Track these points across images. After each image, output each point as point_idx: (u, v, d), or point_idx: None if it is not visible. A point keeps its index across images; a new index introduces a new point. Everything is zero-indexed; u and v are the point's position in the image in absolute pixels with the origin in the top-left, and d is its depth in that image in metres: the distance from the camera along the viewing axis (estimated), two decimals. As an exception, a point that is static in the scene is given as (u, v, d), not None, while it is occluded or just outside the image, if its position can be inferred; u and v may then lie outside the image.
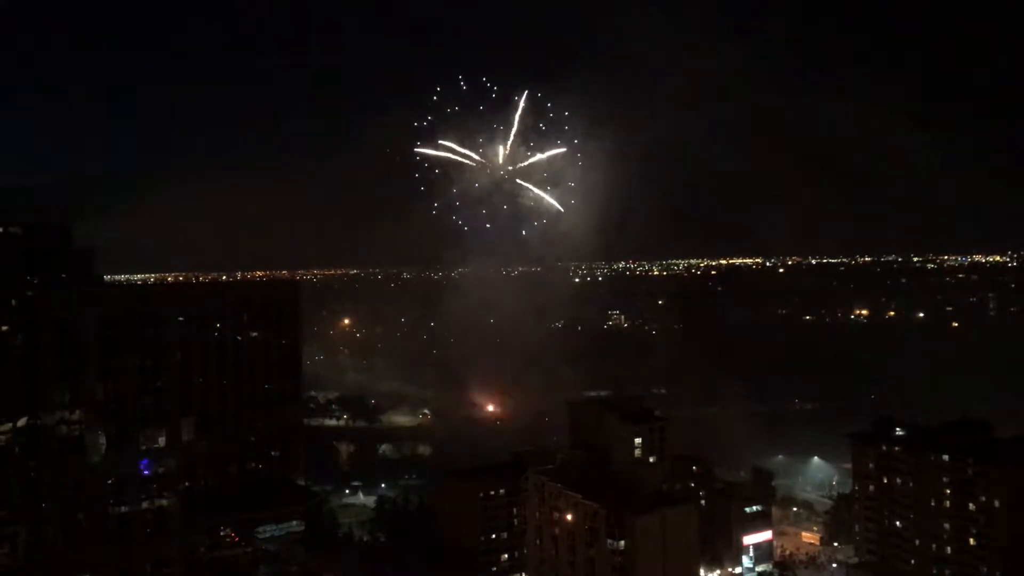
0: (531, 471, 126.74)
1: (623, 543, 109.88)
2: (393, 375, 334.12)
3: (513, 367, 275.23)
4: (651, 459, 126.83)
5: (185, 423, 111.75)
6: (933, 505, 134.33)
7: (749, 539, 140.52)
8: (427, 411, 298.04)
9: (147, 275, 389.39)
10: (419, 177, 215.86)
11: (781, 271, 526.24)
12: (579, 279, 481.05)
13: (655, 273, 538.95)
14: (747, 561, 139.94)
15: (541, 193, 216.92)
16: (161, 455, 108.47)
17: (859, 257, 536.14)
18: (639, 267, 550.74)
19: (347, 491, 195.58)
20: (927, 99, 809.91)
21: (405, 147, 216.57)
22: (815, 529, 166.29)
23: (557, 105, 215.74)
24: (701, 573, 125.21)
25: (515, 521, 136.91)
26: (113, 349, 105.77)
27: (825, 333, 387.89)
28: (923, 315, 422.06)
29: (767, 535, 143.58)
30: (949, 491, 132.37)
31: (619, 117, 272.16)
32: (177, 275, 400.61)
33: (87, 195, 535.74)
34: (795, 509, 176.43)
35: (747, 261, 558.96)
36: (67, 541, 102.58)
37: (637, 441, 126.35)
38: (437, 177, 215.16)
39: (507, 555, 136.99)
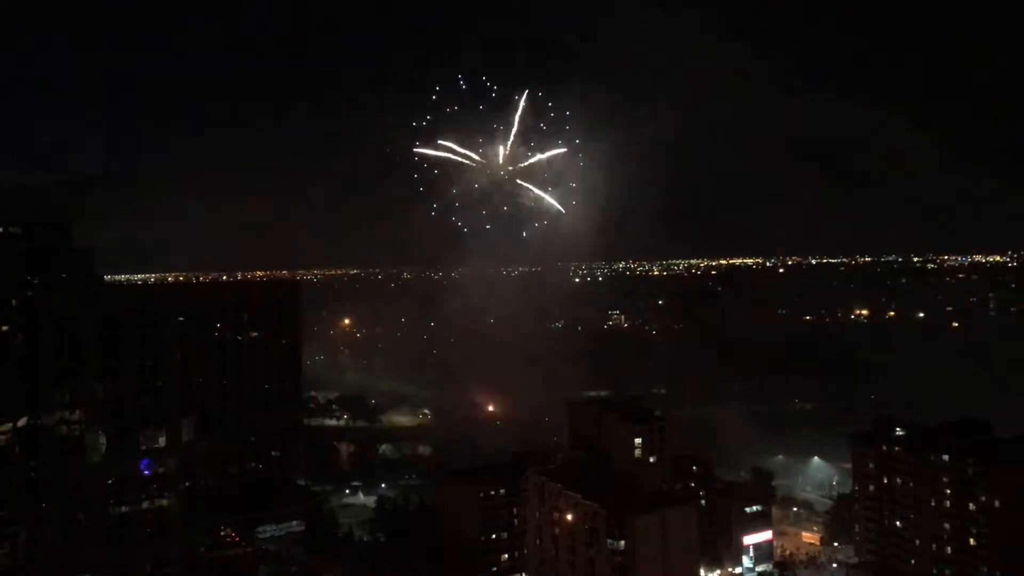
0: (531, 471, 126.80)
1: (623, 543, 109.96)
2: (393, 375, 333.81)
3: (513, 367, 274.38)
4: (651, 459, 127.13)
5: (185, 423, 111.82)
6: (933, 505, 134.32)
7: (749, 539, 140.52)
8: (427, 411, 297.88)
9: (147, 275, 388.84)
10: (419, 177, 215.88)
11: (781, 271, 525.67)
12: (579, 279, 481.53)
13: (655, 273, 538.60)
14: (747, 561, 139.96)
15: (541, 193, 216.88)
16: (161, 455, 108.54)
17: (859, 257, 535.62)
18: (639, 267, 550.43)
19: (347, 491, 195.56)
20: (927, 99, 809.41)
21: (405, 147, 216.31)
22: (815, 529, 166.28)
23: (557, 105, 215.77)
24: (701, 573, 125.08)
25: (515, 521, 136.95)
26: (113, 349, 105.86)
27: (825, 333, 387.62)
28: (923, 315, 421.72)
29: (767, 535, 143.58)
30: (949, 491, 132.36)
31: (619, 117, 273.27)
32: (177, 275, 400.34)
33: (87, 195, 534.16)
34: (795, 509, 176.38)
35: (747, 261, 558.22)
36: (67, 541, 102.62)
37: (637, 441, 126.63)
38: (437, 177, 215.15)
39: (507, 555, 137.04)
